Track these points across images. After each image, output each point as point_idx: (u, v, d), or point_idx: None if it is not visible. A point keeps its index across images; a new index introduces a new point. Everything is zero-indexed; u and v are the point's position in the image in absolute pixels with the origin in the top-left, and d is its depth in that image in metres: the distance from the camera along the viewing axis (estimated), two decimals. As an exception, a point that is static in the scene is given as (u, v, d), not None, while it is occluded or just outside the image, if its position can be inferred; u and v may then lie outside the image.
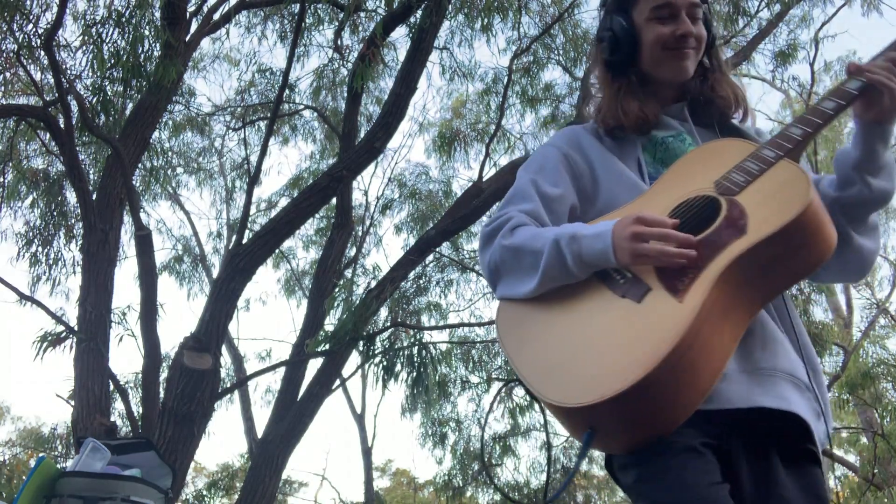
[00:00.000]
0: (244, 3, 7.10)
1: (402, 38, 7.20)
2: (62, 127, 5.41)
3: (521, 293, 1.37)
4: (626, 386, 1.12)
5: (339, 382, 7.72)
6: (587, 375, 1.20)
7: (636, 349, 1.16)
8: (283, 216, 5.98)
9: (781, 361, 1.27)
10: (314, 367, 6.47)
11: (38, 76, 6.05)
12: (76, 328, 5.28)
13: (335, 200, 7.05)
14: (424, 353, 6.29)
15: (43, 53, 5.33)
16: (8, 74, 6.31)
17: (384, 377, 6.11)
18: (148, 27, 5.05)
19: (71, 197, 6.92)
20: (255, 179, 6.11)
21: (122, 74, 4.94)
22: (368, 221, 9.76)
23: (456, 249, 8.97)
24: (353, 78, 6.30)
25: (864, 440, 9.91)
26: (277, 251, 8.58)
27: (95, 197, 5.64)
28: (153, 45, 5.06)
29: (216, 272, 10.90)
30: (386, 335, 6.72)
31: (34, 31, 5.28)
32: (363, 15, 7.19)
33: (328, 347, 6.12)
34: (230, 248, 6.41)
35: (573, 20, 7.79)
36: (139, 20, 4.91)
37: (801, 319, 1.39)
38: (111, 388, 5.22)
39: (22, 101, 6.80)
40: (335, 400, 22.60)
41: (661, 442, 1.18)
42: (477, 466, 10.80)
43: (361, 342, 6.17)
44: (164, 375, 5.71)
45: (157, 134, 7.05)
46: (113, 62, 4.93)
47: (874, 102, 1.26)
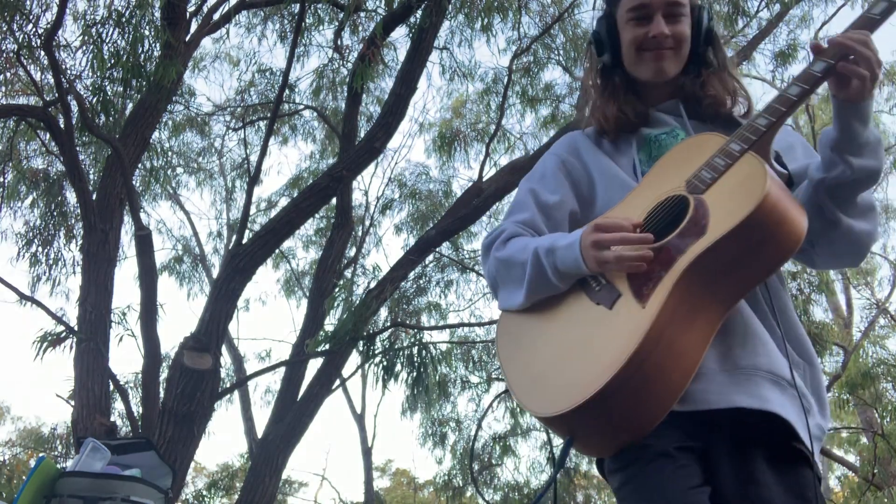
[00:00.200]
0: (244, 3, 7.10)
1: (402, 38, 7.21)
2: (62, 127, 5.41)
3: (514, 304, 1.41)
4: (588, 396, 1.14)
5: (339, 382, 7.72)
6: (560, 385, 1.22)
7: (602, 357, 1.17)
8: (283, 216, 5.98)
9: (761, 359, 1.25)
10: (314, 367, 6.48)
11: (38, 76, 6.04)
12: (76, 328, 5.28)
13: (335, 200, 7.05)
14: (424, 353, 6.29)
15: (43, 53, 5.32)
16: (8, 74, 6.30)
17: (384, 377, 6.11)
18: (148, 27, 5.06)
19: (71, 197, 6.92)
20: (255, 179, 6.11)
21: (122, 74, 4.94)
22: (368, 221, 9.76)
23: (456, 249, 8.97)
24: (353, 78, 6.30)
25: (864, 440, 9.91)
26: (277, 251, 8.58)
27: (95, 197, 5.64)
28: (153, 45, 5.07)
29: (216, 272, 10.90)
30: (386, 335, 6.72)
31: (34, 31, 5.29)
32: (363, 15, 7.19)
33: (328, 347, 6.12)
34: (230, 248, 6.41)
35: (573, 20, 7.80)
36: (139, 20, 4.92)
37: (793, 314, 1.36)
38: (111, 388, 5.22)
39: (22, 101, 6.80)
40: (335, 400, 22.63)
41: (641, 447, 1.20)
42: (477, 466, 10.80)
43: (361, 342, 6.17)
44: (164, 375, 5.71)
45: (157, 134, 7.05)
46: (113, 62, 4.93)
47: (844, 81, 1.23)
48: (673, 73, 1.47)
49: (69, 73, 5.52)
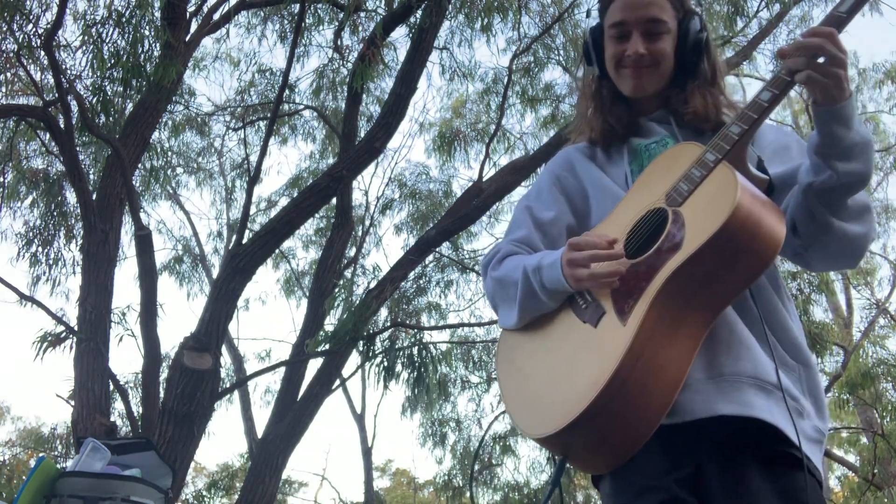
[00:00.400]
0: (244, 3, 7.10)
1: (402, 38, 7.20)
2: (62, 127, 5.41)
3: (511, 323, 1.42)
4: (573, 417, 1.15)
5: (339, 382, 7.72)
6: (549, 405, 1.23)
7: (587, 377, 1.18)
8: (282, 216, 5.98)
9: (746, 365, 1.24)
10: (314, 367, 6.48)
11: (38, 76, 6.05)
12: (76, 328, 5.28)
13: (335, 200, 7.05)
14: (424, 353, 6.30)
15: (43, 53, 5.32)
16: (8, 74, 6.30)
17: (384, 377, 6.12)
18: (148, 27, 5.06)
19: (71, 197, 6.92)
20: (255, 179, 6.10)
21: (122, 74, 4.93)
22: (368, 221, 9.76)
23: (456, 249, 8.97)
24: (353, 78, 6.31)
25: (864, 440, 9.91)
26: (277, 251, 8.58)
27: (95, 197, 5.64)
28: (153, 45, 5.07)
29: (216, 272, 10.90)
30: (386, 335, 6.72)
31: (34, 31, 5.29)
32: (363, 15, 7.19)
33: (328, 347, 6.12)
34: (230, 248, 6.40)
35: (573, 20, 7.79)
36: (139, 20, 4.91)
37: (786, 316, 1.33)
38: (111, 388, 5.22)
39: (22, 101, 6.79)
40: (335, 400, 22.63)
41: (629, 481, 1.22)
42: (478, 466, 10.80)
43: (361, 342, 6.18)
44: (164, 375, 5.72)
45: (157, 134, 7.05)
46: (113, 62, 4.93)
47: (816, 84, 1.20)
48: (652, 89, 1.47)
49: (69, 73, 5.52)
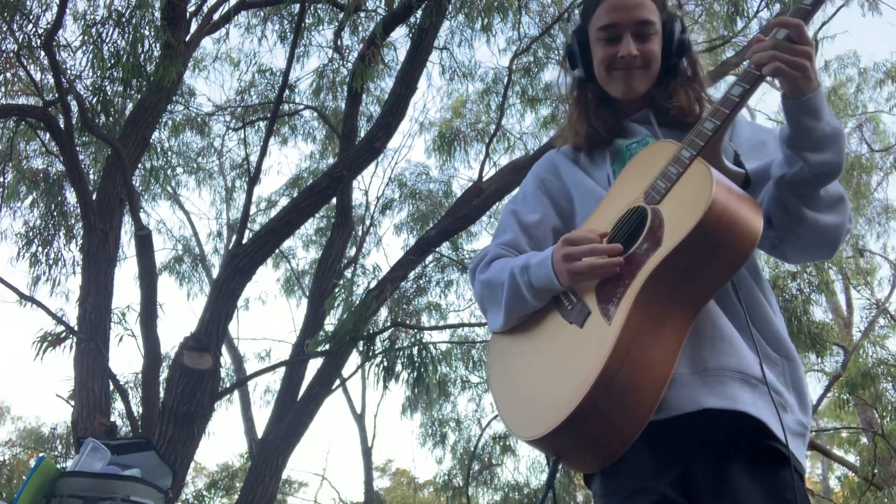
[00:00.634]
0: (244, 3, 7.10)
1: (402, 38, 7.20)
2: (62, 127, 5.41)
3: (498, 326, 1.43)
4: (563, 418, 1.16)
5: (339, 382, 7.72)
6: (539, 407, 1.24)
7: (575, 377, 1.18)
8: (282, 216, 5.98)
9: (730, 360, 1.25)
10: (314, 367, 6.48)
11: (38, 76, 6.05)
12: (76, 328, 5.28)
13: (335, 200, 7.05)
14: (424, 353, 6.30)
15: (43, 53, 5.32)
16: (8, 74, 6.30)
17: (384, 377, 6.12)
18: (148, 27, 5.05)
19: (71, 197, 6.92)
20: (255, 179, 6.10)
21: (122, 74, 4.93)
22: (368, 221, 9.76)
23: (456, 249, 8.97)
24: (353, 78, 6.30)
25: (864, 440, 9.90)
26: (277, 251, 8.57)
27: (95, 197, 5.64)
28: (153, 45, 5.06)
29: (216, 272, 10.90)
30: (386, 335, 6.72)
31: (34, 31, 5.29)
32: (363, 15, 7.19)
33: (328, 347, 6.12)
34: (230, 248, 6.40)
35: (573, 20, 7.77)
36: (139, 20, 4.91)
37: (768, 309, 1.35)
38: (111, 388, 5.22)
39: (22, 101, 6.79)
40: (335, 400, 22.63)
41: (618, 484, 1.24)
42: (478, 466, 10.80)
43: (361, 342, 6.18)
44: (164, 375, 5.71)
45: (157, 134, 7.05)
46: (113, 62, 4.93)
47: (784, 77, 1.22)
48: (643, 90, 1.48)
49: (69, 73, 5.52)
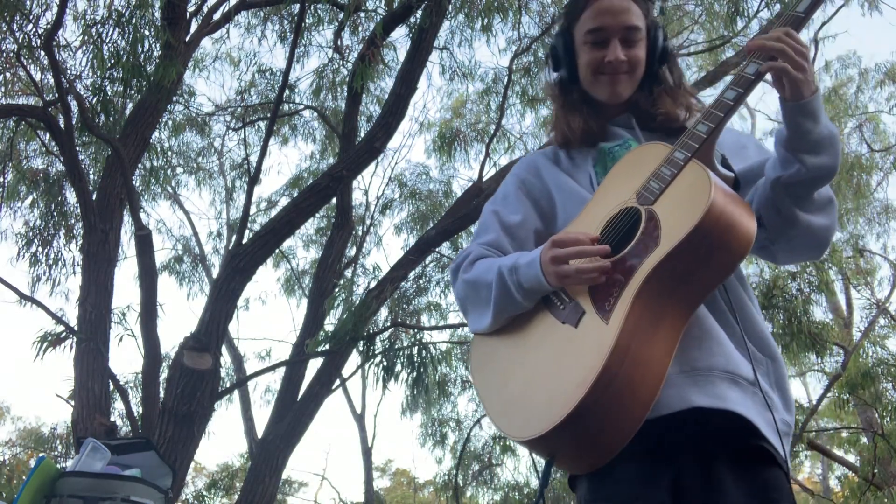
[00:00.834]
0: (244, 3, 7.10)
1: (402, 38, 7.21)
2: (62, 127, 5.41)
3: (483, 326, 1.41)
4: (562, 417, 1.15)
5: (339, 382, 7.72)
6: (533, 408, 1.23)
7: (572, 377, 1.18)
8: (283, 216, 5.98)
9: (718, 360, 1.25)
10: (314, 367, 6.48)
11: (38, 76, 6.04)
12: (76, 328, 5.28)
13: (335, 200, 7.05)
14: (424, 353, 6.30)
15: (43, 53, 5.32)
16: (8, 74, 6.30)
17: (384, 377, 6.12)
18: (148, 27, 5.05)
19: (71, 197, 6.92)
20: (255, 179, 6.10)
21: (122, 74, 4.93)
22: (368, 221, 9.76)
23: (456, 249, 8.96)
24: (353, 78, 6.30)
25: (864, 440, 9.90)
26: (277, 251, 8.58)
27: (95, 197, 5.64)
28: (153, 45, 5.06)
29: (216, 272, 10.90)
30: (386, 335, 6.72)
31: (34, 31, 5.28)
32: (363, 15, 7.19)
33: (328, 347, 6.12)
34: (230, 248, 6.41)
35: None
36: (139, 20, 4.91)
37: (752, 310, 1.37)
38: (111, 388, 5.22)
39: (22, 101, 6.79)
40: (335, 400, 22.64)
41: (606, 492, 1.23)
42: (477, 466, 10.81)
43: (361, 342, 6.17)
44: (164, 375, 5.71)
45: (157, 134, 7.05)
46: (113, 62, 4.93)
47: (780, 81, 1.23)
48: (627, 95, 1.50)
49: (69, 73, 5.52)
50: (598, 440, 1.18)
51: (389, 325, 7.01)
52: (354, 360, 7.21)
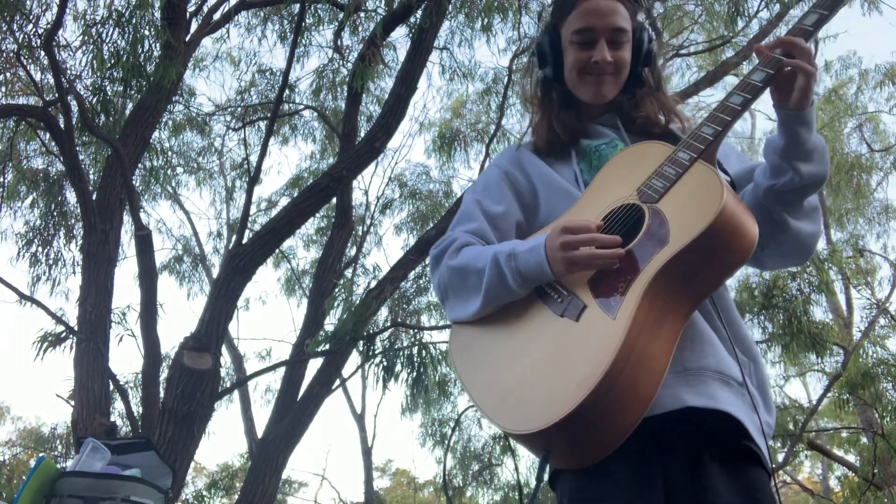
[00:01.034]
0: (244, 3, 7.10)
1: (402, 38, 7.20)
2: (62, 127, 5.41)
3: (468, 314, 1.39)
4: (567, 411, 1.13)
5: (339, 382, 7.72)
6: (534, 402, 1.21)
7: (577, 371, 1.17)
8: (283, 216, 5.98)
9: (709, 360, 1.27)
10: (314, 367, 6.48)
11: (38, 76, 6.04)
12: (76, 328, 5.28)
13: (335, 200, 7.05)
14: (424, 353, 6.30)
15: (43, 53, 5.32)
16: (8, 74, 6.30)
17: (384, 377, 6.12)
18: (148, 27, 5.05)
19: (71, 197, 6.92)
20: (255, 179, 6.11)
21: (122, 74, 4.94)
22: (368, 221, 9.76)
23: (456, 249, 8.96)
24: (353, 78, 6.30)
25: (864, 440, 9.89)
26: (277, 251, 8.58)
27: (95, 197, 5.64)
28: (153, 45, 5.07)
29: (216, 272, 10.90)
30: (386, 335, 6.72)
31: (34, 31, 5.29)
32: (363, 15, 7.19)
33: (328, 347, 6.12)
34: (230, 248, 6.41)
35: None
36: (139, 20, 4.91)
37: (736, 313, 1.39)
38: (111, 388, 5.22)
39: (22, 101, 6.79)
40: (335, 400, 22.64)
41: (600, 492, 1.23)
42: (477, 466, 10.81)
43: (361, 342, 6.18)
44: (164, 375, 5.71)
45: (157, 134, 7.05)
46: (113, 62, 4.93)
47: (785, 90, 1.25)
48: (611, 96, 1.50)
49: (69, 73, 5.52)
50: (598, 436, 1.18)
51: (389, 325, 7.01)
52: (354, 360, 7.21)
